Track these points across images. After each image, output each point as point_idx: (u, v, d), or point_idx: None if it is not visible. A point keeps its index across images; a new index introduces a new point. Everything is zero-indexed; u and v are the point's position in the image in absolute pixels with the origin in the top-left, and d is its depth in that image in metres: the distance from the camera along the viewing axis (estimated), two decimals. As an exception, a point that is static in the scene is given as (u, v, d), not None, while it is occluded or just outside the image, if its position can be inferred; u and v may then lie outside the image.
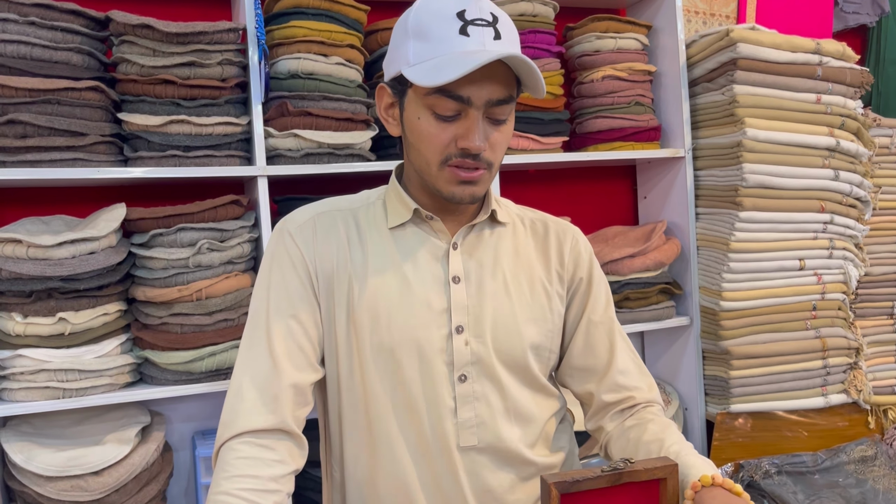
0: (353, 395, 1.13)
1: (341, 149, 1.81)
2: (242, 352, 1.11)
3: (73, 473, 1.54)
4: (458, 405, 1.12)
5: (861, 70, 2.18)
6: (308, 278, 1.13)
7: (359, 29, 1.88)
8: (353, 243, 1.14)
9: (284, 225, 1.16)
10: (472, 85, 1.01)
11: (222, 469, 1.02)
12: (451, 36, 1.01)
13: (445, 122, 1.05)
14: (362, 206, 1.19)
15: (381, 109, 1.15)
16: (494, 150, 1.08)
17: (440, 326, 1.12)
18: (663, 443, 1.12)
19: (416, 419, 1.11)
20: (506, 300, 1.16)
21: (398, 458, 1.12)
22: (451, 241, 1.15)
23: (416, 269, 1.13)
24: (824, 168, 2.13)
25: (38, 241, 1.55)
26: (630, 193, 2.51)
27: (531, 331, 1.17)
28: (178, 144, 1.67)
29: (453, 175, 1.07)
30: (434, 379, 1.11)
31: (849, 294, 2.22)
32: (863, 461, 2.12)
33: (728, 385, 2.13)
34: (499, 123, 1.07)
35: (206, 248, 1.68)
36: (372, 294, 1.11)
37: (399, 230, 1.15)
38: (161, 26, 1.62)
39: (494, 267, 1.17)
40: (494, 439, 1.13)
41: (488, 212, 1.18)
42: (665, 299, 2.20)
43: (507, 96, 1.05)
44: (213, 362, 1.69)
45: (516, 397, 1.16)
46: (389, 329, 1.11)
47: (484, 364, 1.13)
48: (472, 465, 1.13)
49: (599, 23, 2.18)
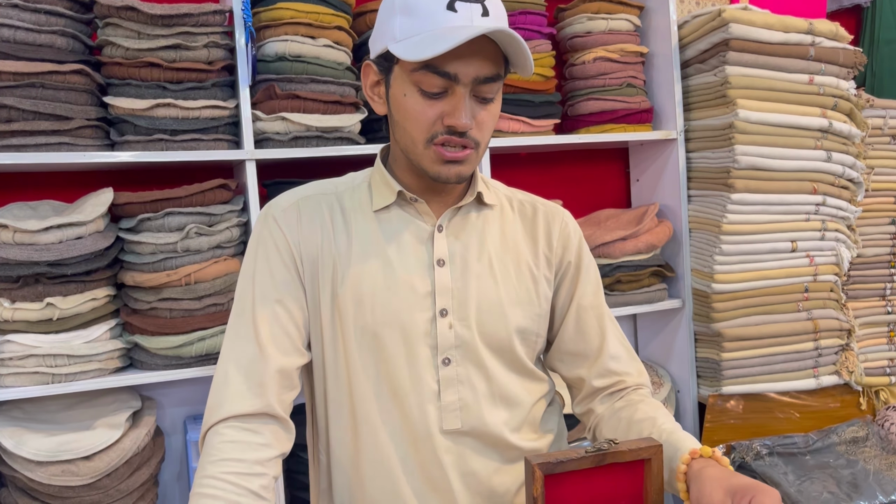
0: (338, 379, 1.13)
1: (330, 132, 1.80)
2: (228, 337, 1.11)
3: (64, 458, 1.55)
4: (441, 388, 1.11)
5: (854, 50, 2.16)
6: (293, 262, 1.12)
7: (347, 11, 1.86)
8: (337, 227, 1.14)
9: (269, 209, 1.16)
10: (460, 61, 1.00)
11: (208, 453, 1.02)
12: (439, 11, 1.00)
13: (432, 98, 1.03)
14: (347, 189, 1.18)
15: (366, 87, 1.13)
16: (481, 129, 1.06)
17: (424, 310, 1.11)
18: (655, 421, 1.12)
19: (399, 402, 1.11)
20: (491, 283, 1.15)
21: (382, 441, 1.11)
22: (437, 224, 1.14)
23: (401, 252, 1.12)
24: (817, 149, 2.12)
25: (25, 226, 1.54)
26: (622, 176, 2.50)
27: (517, 314, 1.16)
28: (164, 128, 1.66)
29: (439, 154, 1.05)
30: (418, 362, 1.11)
31: (841, 276, 2.21)
32: (854, 442, 2.13)
33: (720, 367, 2.13)
34: (486, 102, 1.06)
35: (195, 232, 1.68)
36: (356, 277, 1.11)
37: (384, 213, 1.14)
38: (145, 8, 1.61)
39: (480, 250, 1.16)
40: (478, 423, 1.13)
41: (474, 194, 1.16)
42: (657, 282, 2.20)
43: (495, 74, 1.04)
44: (202, 347, 1.69)
45: (501, 381, 1.15)
46: (373, 312, 1.10)
47: (468, 347, 1.13)
48: (456, 449, 1.12)
49: (591, 4, 2.16)
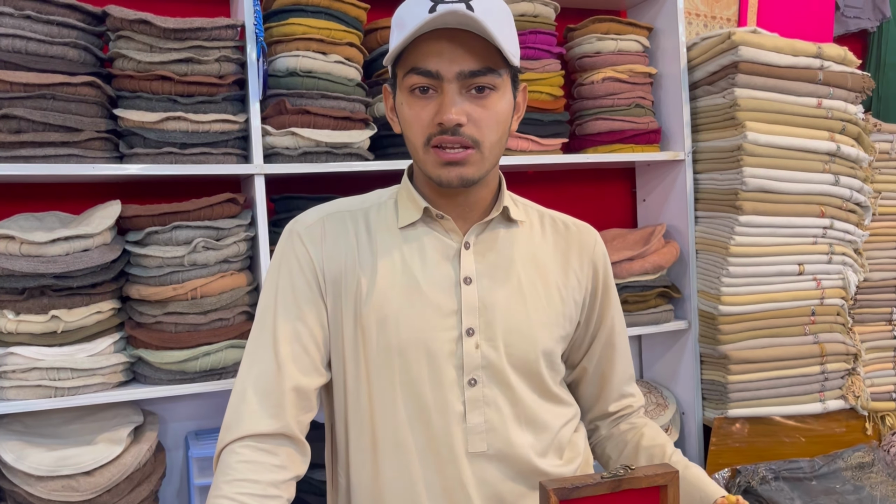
0: (359, 400, 1.11)
1: (339, 148, 1.79)
2: (248, 353, 1.09)
3: (65, 473, 1.52)
4: (467, 410, 1.09)
5: (862, 75, 2.17)
6: (315, 280, 1.11)
7: (358, 27, 1.87)
8: (362, 244, 1.12)
9: (293, 226, 1.15)
10: (441, 58, 1.01)
11: (223, 472, 1.01)
12: (421, 15, 1.00)
13: (422, 99, 1.04)
14: (373, 205, 1.17)
15: (387, 111, 1.14)
16: (479, 126, 1.04)
17: (450, 329, 1.09)
18: (664, 449, 1.14)
19: (423, 424, 1.09)
20: (520, 303, 1.13)
21: (405, 464, 1.09)
22: (463, 241, 1.12)
23: (426, 270, 1.10)
24: (825, 173, 2.12)
25: (32, 237, 1.53)
26: (629, 196, 2.50)
27: (544, 336, 1.14)
28: (174, 141, 1.65)
29: (437, 157, 1.04)
30: (443, 383, 1.08)
31: (848, 299, 2.21)
32: (860, 467, 2.11)
33: (726, 390, 2.11)
34: (481, 97, 1.04)
35: (202, 246, 1.67)
36: (380, 295, 1.09)
37: (409, 230, 1.13)
38: (158, 22, 1.61)
39: (508, 268, 1.14)
40: (505, 446, 1.10)
41: (500, 208, 1.14)
42: (663, 303, 2.19)
43: (483, 67, 1.02)
44: (207, 362, 1.67)
45: (527, 403, 1.13)
46: (398, 331, 1.08)
47: (494, 368, 1.10)
48: (482, 473, 1.09)
49: (600, 24, 2.16)
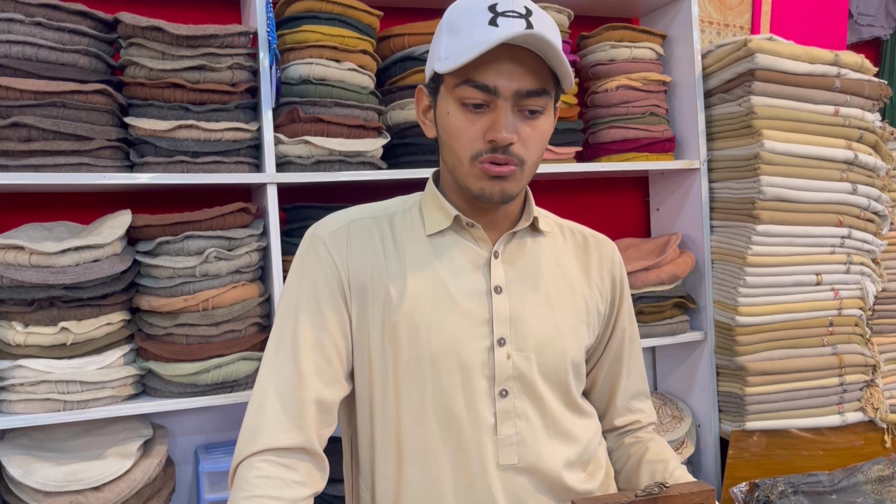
0: (386, 411, 1.08)
1: (353, 156, 1.77)
2: (267, 361, 1.06)
3: (73, 489, 1.49)
4: (497, 421, 1.06)
5: (879, 82, 2.15)
6: (339, 288, 1.08)
7: (371, 34, 1.85)
8: (388, 251, 1.10)
9: (316, 231, 1.12)
10: (500, 74, 0.99)
11: (241, 487, 0.97)
12: (481, 26, 0.99)
13: (474, 113, 1.02)
14: (398, 211, 1.15)
15: (419, 113, 1.13)
16: (526, 145, 1.03)
17: (482, 338, 1.07)
18: (667, 465, 1.13)
19: (453, 435, 1.06)
20: (549, 313, 1.12)
21: (433, 477, 1.06)
22: (493, 250, 1.11)
23: (457, 278, 1.08)
24: (842, 181, 2.09)
25: (41, 247, 1.51)
26: (642, 205, 2.47)
27: (573, 346, 1.13)
28: (185, 150, 1.63)
29: (484, 170, 1.03)
30: (474, 393, 1.06)
31: (866, 310, 2.18)
32: (880, 481, 2.07)
33: (743, 402, 2.08)
34: (531, 117, 1.03)
35: (214, 256, 1.64)
36: (410, 304, 1.06)
37: (437, 237, 1.11)
38: (171, 29, 1.59)
39: (537, 278, 1.13)
40: (536, 458, 1.08)
41: (530, 219, 1.14)
42: (679, 313, 2.16)
43: (539, 88, 1.01)
44: (218, 374, 1.64)
45: (557, 415, 1.11)
46: (429, 340, 1.06)
47: (525, 379, 1.08)
48: (511, 486, 1.07)
49: (614, 32, 2.14)
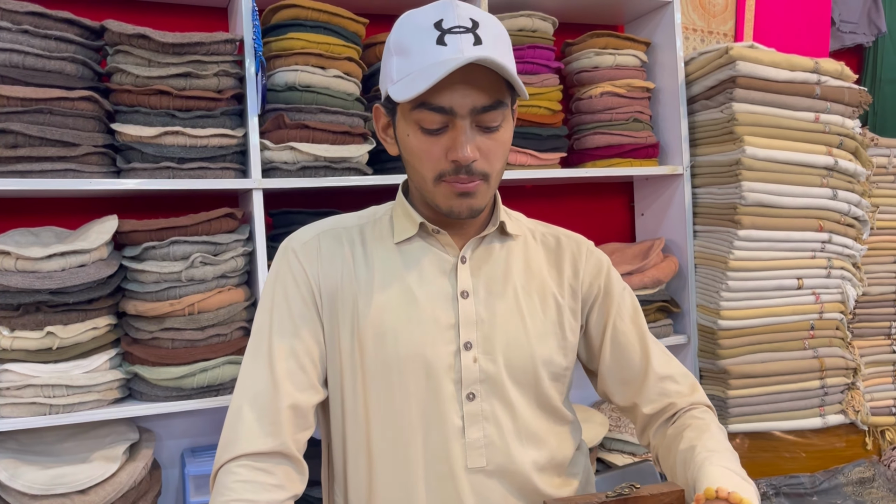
0: (357, 415, 1.10)
1: (338, 162, 1.79)
2: (244, 371, 1.08)
3: (59, 492, 1.50)
4: (465, 425, 1.08)
5: (859, 89, 2.17)
6: (311, 297, 1.10)
7: (357, 42, 1.87)
8: (357, 260, 1.12)
9: (289, 243, 1.14)
10: (454, 94, 0.98)
11: (220, 493, 0.99)
12: (429, 47, 0.98)
13: (433, 135, 1.02)
14: (369, 221, 1.17)
15: (379, 131, 1.13)
16: (489, 159, 1.04)
17: (448, 343, 1.08)
18: (693, 452, 1.05)
19: (421, 439, 1.08)
20: (517, 315, 1.13)
21: (403, 480, 1.08)
22: (459, 255, 1.12)
23: (423, 284, 1.10)
24: (823, 187, 2.12)
25: (28, 253, 1.52)
26: (627, 210, 2.50)
27: (543, 347, 1.13)
28: (172, 156, 1.64)
29: (450, 189, 1.03)
30: (441, 397, 1.07)
31: (847, 314, 2.20)
32: (861, 483, 2.10)
33: (726, 405, 2.10)
34: (490, 131, 1.03)
35: (200, 261, 1.65)
36: (378, 310, 1.08)
37: (406, 245, 1.13)
38: (157, 36, 1.60)
39: (505, 281, 1.14)
40: (505, 461, 1.09)
41: (496, 223, 1.15)
42: (662, 317, 2.18)
43: (494, 101, 1.01)
44: (204, 378, 1.65)
45: (527, 418, 1.12)
46: (396, 345, 1.07)
47: (493, 382, 1.10)
48: (481, 489, 1.08)
49: (598, 39, 2.17)
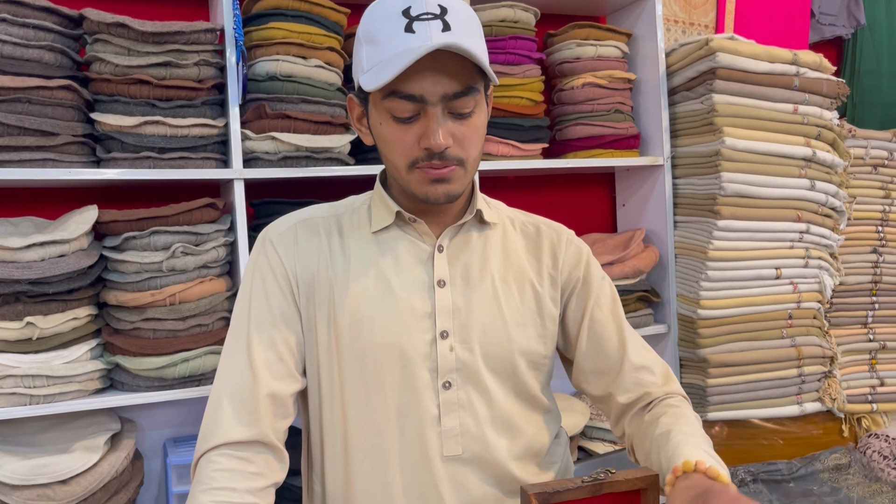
0: (333, 404, 1.10)
1: (319, 152, 1.79)
2: (223, 362, 1.09)
3: (40, 482, 1.50)
4: (441, 413, 1.08)
5: (837, 81, 2.20)
6: (289, 287, 1.10)
7: (338, 32, 1.86)
8: (334, 250, 1.12)
9: (266, 233, 1.14)
10: (424, 81, 0.98)
11: (200, 481, 0.99)
12: (397, 35, 0.98)
13: (405, 123, 1.02)
14: (346, 211, 1.17)
15: (353, 121, 1.13)
16: (463, 145, 1.03)
17: (424, 331, 1.09)
18: (668, 437, 1.05)
19: (397, 427, 1.08)
20: (494, 304, 1.13)
21: (379, 469, 1.09)
22: (437, 244, 1.12)
23: (400, 273, 1.10)
24: (801, 178, 2.15)
25: (6, 242, 1.51)
26: (609, 201, 2.51)
27: (521, 336, 1.14)
28: (152, 146, 1.64)
29: (424, 175, 1.03)
30: (417, 385, 1.08)
31: (824, 303, 2.24)
32: (837, 469, 2.13)
33: (705, 393, 2.13)
34: (463, 117, 1.03)
35: (181, 251, 1.65)
36: (354, 299, 1.09)
37: (383, 234, 1.13)
38: (136, 25, 1.59)
39: (482, 270, 1.14)
40: (481, 449, 1.10)
41: (473, 211, 1.14)
42: (643, 307, 2.20)
43: (465, 88, 1.00)
44: (186, 368, 1.65)
45: (504, 406, 1.13)
46: (371, 334, 1.08)
47: (469, 371, 1.10)
48: (457, 477, 1.09)
49: (580, 30, 2.18)
